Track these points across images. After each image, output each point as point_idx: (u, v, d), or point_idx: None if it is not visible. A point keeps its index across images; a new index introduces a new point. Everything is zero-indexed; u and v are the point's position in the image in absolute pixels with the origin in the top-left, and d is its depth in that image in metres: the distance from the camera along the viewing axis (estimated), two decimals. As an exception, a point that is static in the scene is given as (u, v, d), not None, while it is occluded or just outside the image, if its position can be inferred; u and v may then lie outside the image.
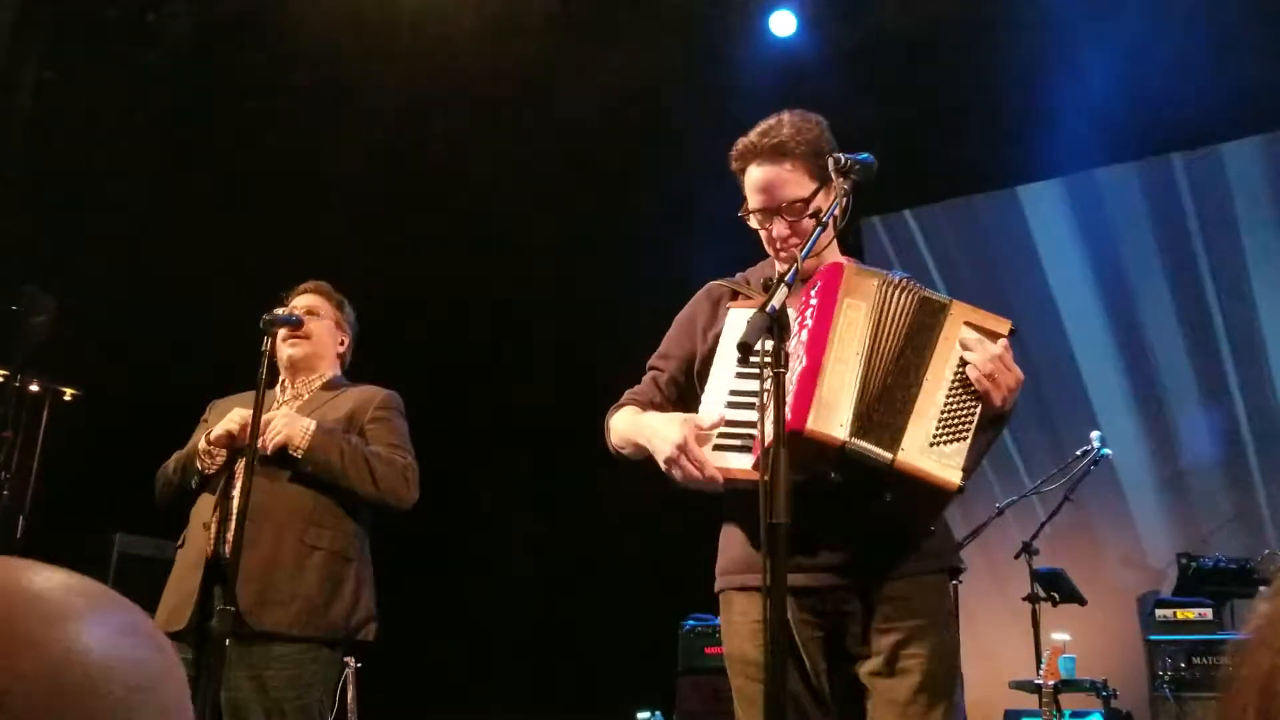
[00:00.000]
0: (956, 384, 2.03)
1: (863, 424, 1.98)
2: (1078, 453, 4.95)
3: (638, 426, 2.32)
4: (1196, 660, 4.66)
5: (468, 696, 6.52)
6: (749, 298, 2.34)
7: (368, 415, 3.20)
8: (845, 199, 2.10)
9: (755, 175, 2.26)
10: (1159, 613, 4.95)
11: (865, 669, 2.14)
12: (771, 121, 2.29)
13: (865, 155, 2.17)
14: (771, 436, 1.78)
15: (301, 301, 3.36)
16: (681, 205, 6.89)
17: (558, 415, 7.25)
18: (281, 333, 3.23)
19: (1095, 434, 4.91)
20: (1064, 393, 6.32)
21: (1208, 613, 4.86)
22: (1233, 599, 5.14)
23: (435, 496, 3.45)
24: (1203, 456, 6.04)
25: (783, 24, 6.59)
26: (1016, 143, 6.42)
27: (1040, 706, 4.39)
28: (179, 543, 3.09)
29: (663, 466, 2.14)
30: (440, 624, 6.69)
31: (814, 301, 2.08)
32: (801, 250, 1.97)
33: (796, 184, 2.23)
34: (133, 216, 6.19)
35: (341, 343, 3.42)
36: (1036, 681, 4.44)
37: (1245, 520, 5.76)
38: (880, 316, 2.05)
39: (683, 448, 2.07)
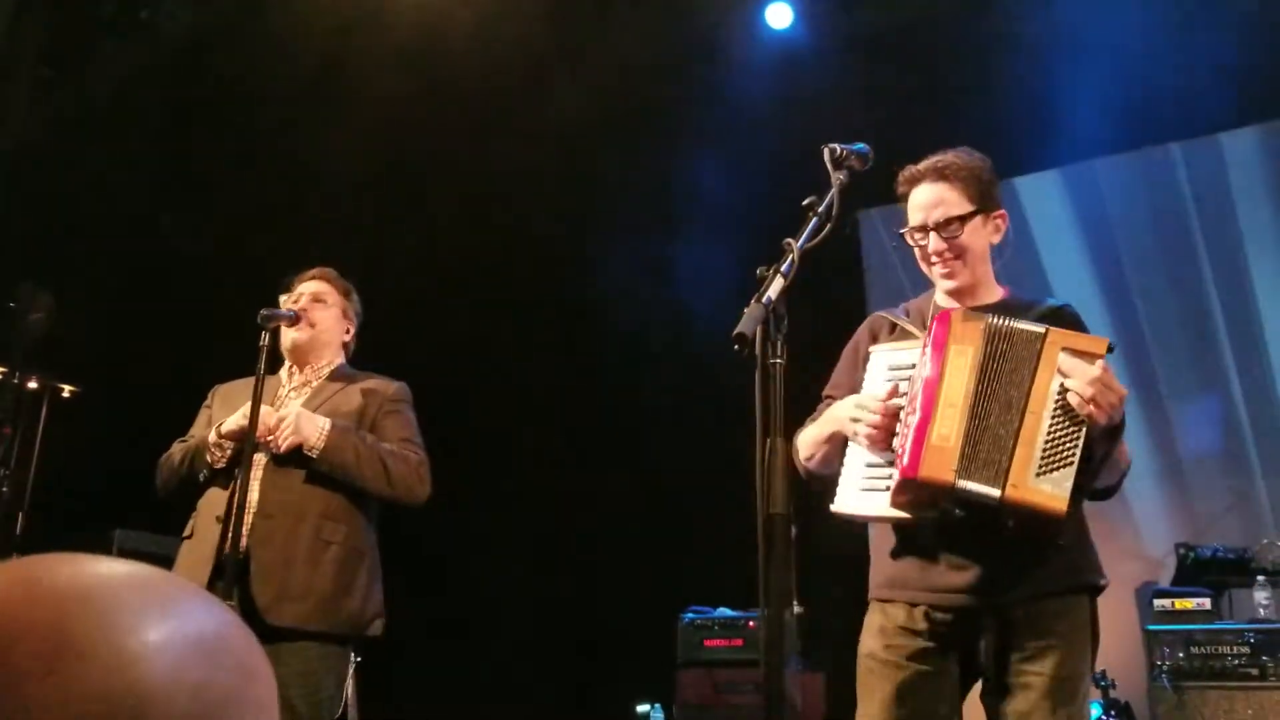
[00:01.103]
0: (1059, 411, 2.13)
1: (970, 464, 2.12)
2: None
3: (821, 423, 2.48)
4: (1195, 650, 4.65)
5: (467, 690, 6.53)
6: (908, 331, 2.49)
7: (379, 408, 3.20)
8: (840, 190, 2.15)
9: (918, 195, 2.50)
10: (1157, 603, 4.95)
11: (990, 688, 2.27)
12: (938, 155, 2.55)
13: (860, 145, 2.21)
14: (907, 462, 2.08)
15: (309, 288, 3.33)
16: (678, 197, 6.89)
17: (558, 406, 7.27)
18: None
19: (1093, 424, 4.90)
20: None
21: (1206, 603, 4.85)
22: (1231, 589, 5.14)
23: (434, 490, 3.46)
24: (1201, 446, 6.04)
25: (779, 17, 6.60)
26: (1013, 134, 6.41)
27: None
28: (186, 533, 3.07)
29: (850, 436, 2.34)
30: (439, 618, 6.70)
31: (928, 351, 2.25)
32: (798, 241, 1.96)
33: (955, 204, 2.45)
34: (130, 212, 6.18)
35: (347, 331, 3.41)
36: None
37: (1244, 509, 5.76)
38: (985, 359, 2.20)
39: (856, 419, 2.30)
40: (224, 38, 6.08)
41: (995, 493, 2.08)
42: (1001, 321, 2.24)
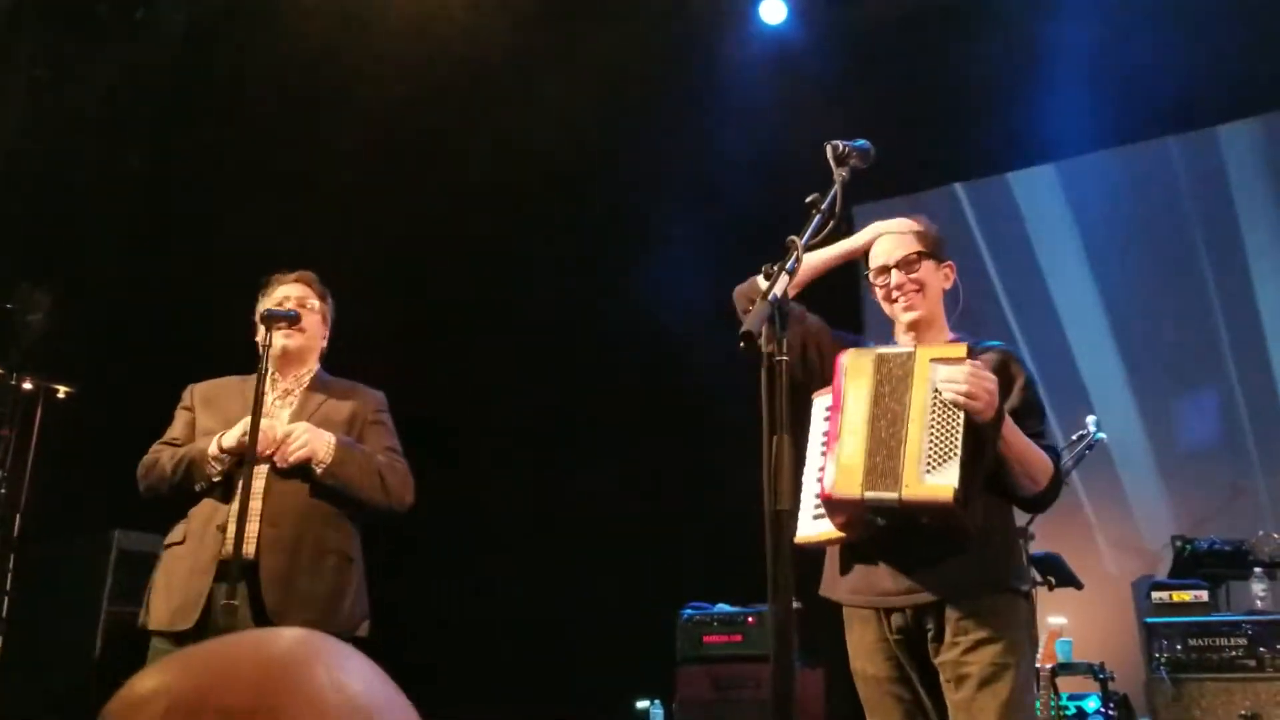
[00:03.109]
0: (935, 413, 2.38)
1: (871, 476, 2.36)
2: (1073, 438, 4.95)
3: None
4: (1192, 642, 4.67)
5: (465, 688, 6.53)
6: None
7: (365, 420, 3.27)
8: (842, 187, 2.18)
9: (882, 244, 2.78)
10: (1155, 595, 4.95)
11: (941, 677, 2.47)
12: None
13: (862, 142, 2.23)
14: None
15: (293, 291, 3.35)
16: (672, 195, 6.89)
17: (555, 402, 7.26)
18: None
19: (1090, 419, 4.92)
20: (1059, 378, 6.33)
21: (1203, 595, 4.86)
22: (1228, 581, 5.16)
23: (431, 486, 3.47)
24: (1199, 439, 6.05)
25: (773, 11, 6.60)
26: (1009, 128, 6.42)
27: (1037, 690, 4.41)
28: (176, 539, 3.08)
29: None
30: (436, 615, 6.70)
31: (835, 386, 2.55)
32: (802, 238, 1.97)
33: (912, 248, 2.74)
34: (126, 212, 6.17)
35: (324, 336, 3.43)
36: (1034, 665, 4.45)
37: (1241, 502, 5.77)
38: (875, 386, 2.47)
39: None
40: (219, 37, 6.06)
41: (894, 495, 2.33)
42: (884, 350, 2.55)
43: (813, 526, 2.52)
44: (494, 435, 7.09)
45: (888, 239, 2.79)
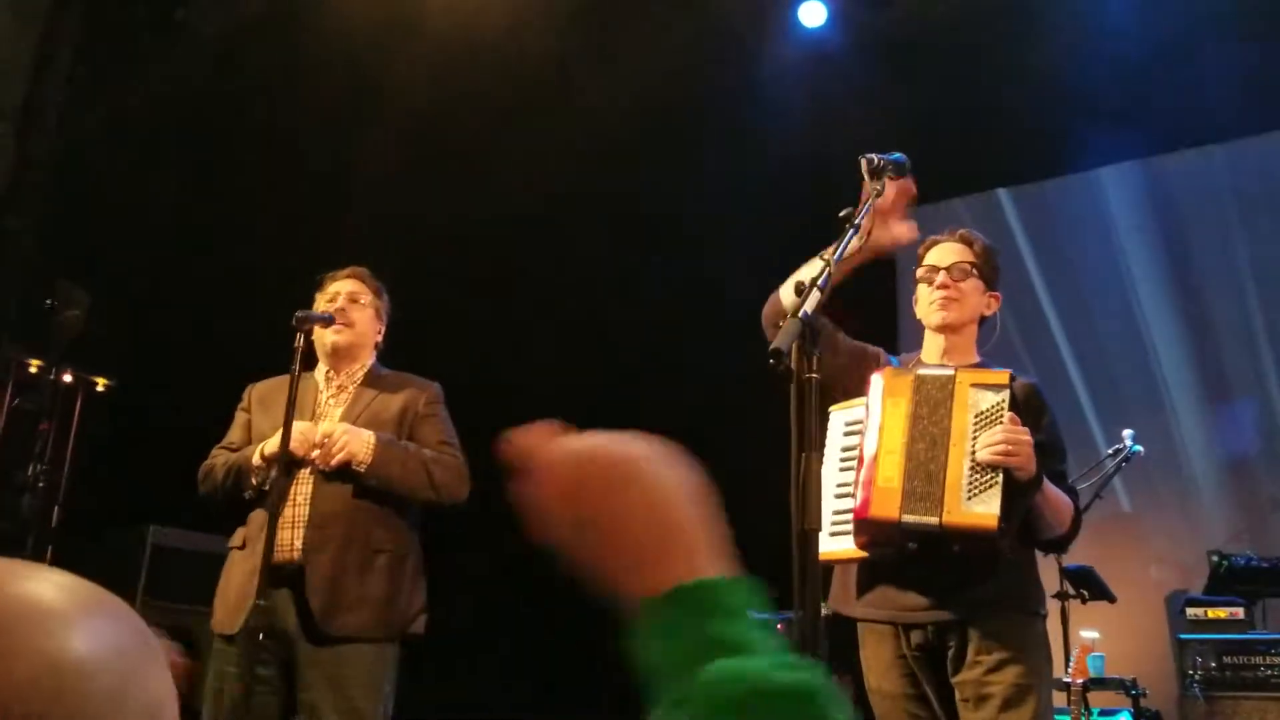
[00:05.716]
0: (977, 438, 2.39)
1: (909, 500, 2.39)
2: (1109, 451, 4.90)
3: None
4: (1227, 660, 4.61)
5: (501, 693, 6.54)
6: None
7: (416, 414, 3.25)
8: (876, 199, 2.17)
9: (939, 249, 2.79)
10: (1189, 611, 4.90)
11: (958, 696, 2.48)
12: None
13: (898, 155, 2.21)
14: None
15: (344, 287, 3.35)
16: (709, 196, 6.87)
17: (587, 407, 7.27)
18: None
19: (1127, 432, 4.86)
20: (1095, 390, 6.27)
21: (1239, 612, 4.80)
22: (1264, 598, 5.09)
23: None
24: (1237, 451, 5.97)
25: (812, 15, 6.57)
26: (1050, 135, 6.36)
27: (1068, 705, 4.36)
28: (237, 543, 3.11)
29: None
30: (472, 620, 6.72)
31: (870, 406, 2.56)
32: (834, 254, 1.96)
33: (965, 258, 2.75)
34: (163, 209, 6.23)
35: (379, 331, 3.43)
36: (1065, 680, 4.39)
37: (1279, 517, 5.68)
38: (914, 407, 2.49)
39: None
40: (257, 38, 6.10)
41: (934, 520, 2.35)
42: (924, 372, 2.57)
43: (830, 544, 2.48)
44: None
45: (949, 246, 2.79)
